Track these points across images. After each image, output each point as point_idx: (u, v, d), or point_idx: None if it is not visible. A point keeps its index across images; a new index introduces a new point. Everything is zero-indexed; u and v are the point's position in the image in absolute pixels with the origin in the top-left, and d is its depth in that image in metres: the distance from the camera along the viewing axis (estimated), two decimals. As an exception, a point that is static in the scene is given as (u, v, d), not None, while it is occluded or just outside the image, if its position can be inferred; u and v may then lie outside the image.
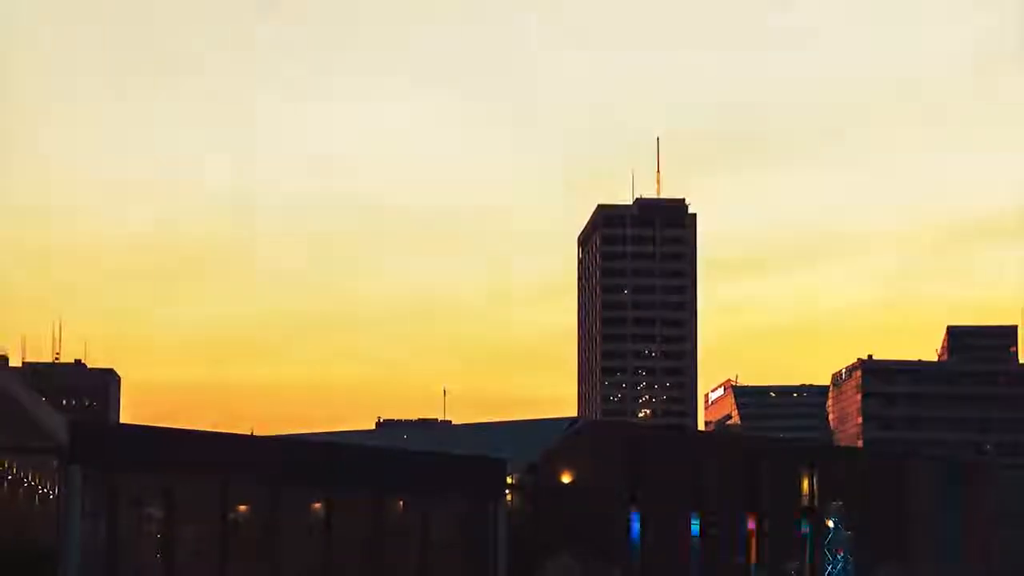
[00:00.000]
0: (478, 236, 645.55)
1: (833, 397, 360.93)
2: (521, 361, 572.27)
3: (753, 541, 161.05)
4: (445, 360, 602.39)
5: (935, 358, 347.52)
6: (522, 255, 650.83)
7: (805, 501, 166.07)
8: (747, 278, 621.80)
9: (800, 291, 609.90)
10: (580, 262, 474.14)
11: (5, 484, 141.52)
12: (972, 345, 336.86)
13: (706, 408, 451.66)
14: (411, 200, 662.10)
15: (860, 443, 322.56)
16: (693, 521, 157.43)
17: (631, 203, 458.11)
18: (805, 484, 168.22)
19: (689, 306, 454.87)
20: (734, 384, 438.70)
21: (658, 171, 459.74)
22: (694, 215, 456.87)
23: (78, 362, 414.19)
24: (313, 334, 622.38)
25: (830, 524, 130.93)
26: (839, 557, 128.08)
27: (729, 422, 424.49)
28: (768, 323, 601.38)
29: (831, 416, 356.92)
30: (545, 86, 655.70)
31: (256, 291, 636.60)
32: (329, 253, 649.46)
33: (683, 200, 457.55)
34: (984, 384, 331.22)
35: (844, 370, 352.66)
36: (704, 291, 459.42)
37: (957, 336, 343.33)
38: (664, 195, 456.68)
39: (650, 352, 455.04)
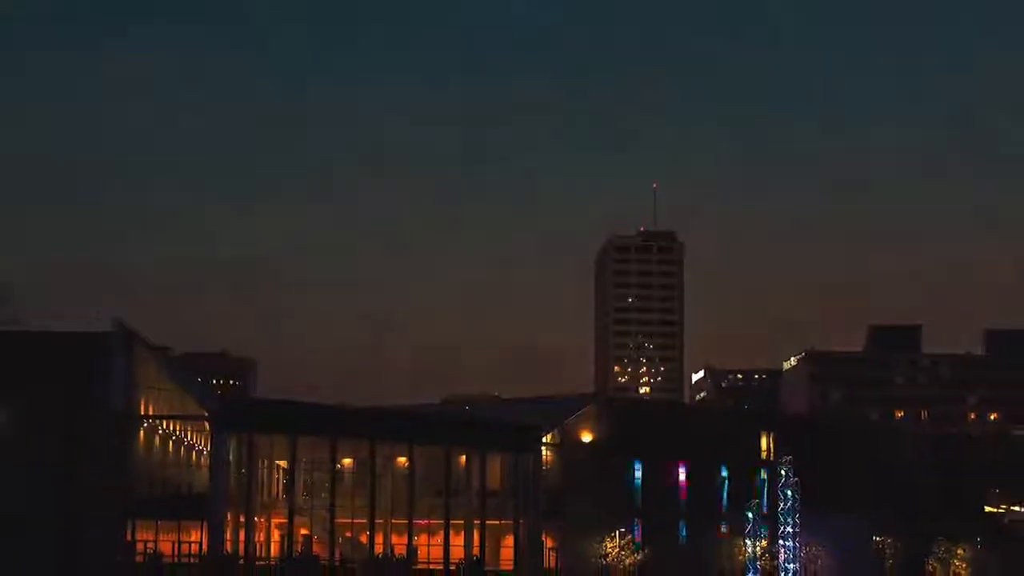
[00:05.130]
0: (517, 259, 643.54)
1: (785, 379, 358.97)
2: (551, 350, 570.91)
3: (724, 484, 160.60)
4: (495, 348, 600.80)
5: (860, 349, 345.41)
6: (552, 272, 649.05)
7: (763, 455, 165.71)
8: (723, 290, 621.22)
9: (763, 294, 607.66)
10: (597, 278, 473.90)
11: (170, 442, 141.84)
12: (888, 339, 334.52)
13: (690, 386, 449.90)
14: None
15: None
16: (680, 469, 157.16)
17: (635, 234, 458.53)
18: (763, 443, 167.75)
19: (678, 309, 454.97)
20: (712, 368, 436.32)
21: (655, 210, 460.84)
22: (683, 243, 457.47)
23: (224, 352, 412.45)
24: (398, 329, 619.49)
25: (782, 473, 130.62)
26: (789, 497, 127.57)
27: (707, 397, 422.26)
28: (738, 322, 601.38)
29: (783, 394, 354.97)
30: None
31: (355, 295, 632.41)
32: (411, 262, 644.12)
33: (674, 232, 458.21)
34: (898, 371, 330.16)
35: (793, 358, 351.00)
36: (690, 297, 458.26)
37: (877, 332, 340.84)
38: (660, 228, 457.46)
39: (649, 344, 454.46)
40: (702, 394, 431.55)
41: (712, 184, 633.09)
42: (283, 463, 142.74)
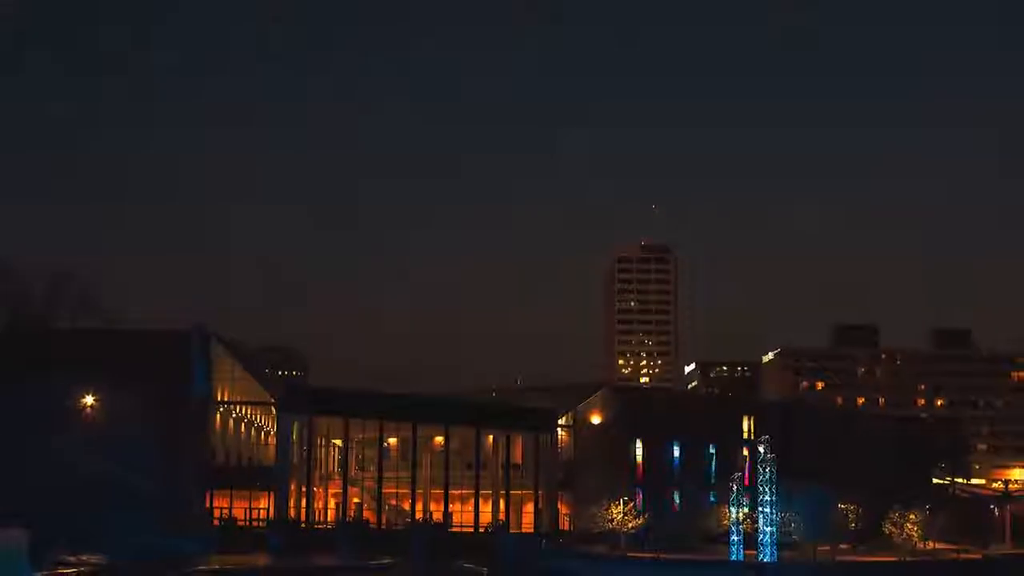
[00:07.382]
0: (534, 267, 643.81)
1: (764, 370, 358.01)
2: (566, 347, 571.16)
3: (712, 460, 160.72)
4: (518, 347, 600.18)
5: (827, 345, 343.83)
6: (566, 280, 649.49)
7: (745, 436, 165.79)
8: (711, 295, 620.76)
9: (747, 298, 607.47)
10: (604, 285, 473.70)
11: (243, 424, 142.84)
12: (851, 336, 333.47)
13: (684, 376, 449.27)
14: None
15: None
16: (675, 447, 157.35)
17: (637, 246, 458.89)
18: (745, 425, 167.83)
19: (673, 311, 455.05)
20: (702, 362, 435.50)
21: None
22: (676, 256, 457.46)
23: (285, 347, 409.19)
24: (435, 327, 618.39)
25: (761, 450, 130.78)
26: (767, 470, 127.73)
27: (698, 386, 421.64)
28: (724, 322, 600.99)
29: (763, 383, 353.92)
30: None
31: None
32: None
33: (669, 244, 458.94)
34: (859, 363, 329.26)
35: (771, 353, 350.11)
36: (683, 301, 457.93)
37: (839, 330, 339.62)
38: (658, 241, 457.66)
39: (648, 341, 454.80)
40: (693, 384, 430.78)
41: (705, 202, 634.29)
42: (338, 441, 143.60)
